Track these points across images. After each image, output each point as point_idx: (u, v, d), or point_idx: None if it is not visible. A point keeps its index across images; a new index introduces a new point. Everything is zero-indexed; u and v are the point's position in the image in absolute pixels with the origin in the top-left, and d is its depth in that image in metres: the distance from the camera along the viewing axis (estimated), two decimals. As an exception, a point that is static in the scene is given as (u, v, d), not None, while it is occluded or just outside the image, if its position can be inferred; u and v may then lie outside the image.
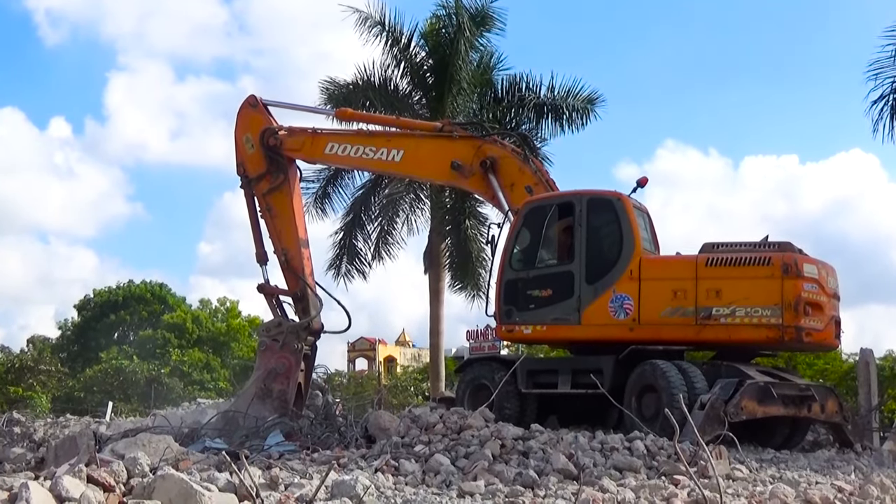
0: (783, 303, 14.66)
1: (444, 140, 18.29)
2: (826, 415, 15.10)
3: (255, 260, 18.74)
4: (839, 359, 30.95)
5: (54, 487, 7.74)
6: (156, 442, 11.81)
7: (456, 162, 17.71)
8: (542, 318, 16.16)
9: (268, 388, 17.23)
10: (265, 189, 18.54)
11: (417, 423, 13.12)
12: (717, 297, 14.90)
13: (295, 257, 18.32)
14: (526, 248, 16.67)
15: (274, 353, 17.58)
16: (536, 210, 16.54)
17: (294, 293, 18.32)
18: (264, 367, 17.54)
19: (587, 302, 15.72)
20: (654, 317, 15.25)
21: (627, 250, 15.67)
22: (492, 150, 17.71)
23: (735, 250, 15.34)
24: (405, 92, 30.10)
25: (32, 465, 13.16)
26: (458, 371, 18.66)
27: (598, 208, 16.17)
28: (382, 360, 73.07)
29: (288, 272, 18.38)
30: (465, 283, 30.81)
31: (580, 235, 15.98)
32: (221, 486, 8.68)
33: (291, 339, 17.68)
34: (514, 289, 16.47)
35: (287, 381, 17.33)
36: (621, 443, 12.14)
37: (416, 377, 47.95)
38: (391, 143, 18.68)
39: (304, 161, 19.39)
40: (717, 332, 14.99)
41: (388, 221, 30.31)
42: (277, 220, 18.46)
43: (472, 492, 9.84)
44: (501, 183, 17.41)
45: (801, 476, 11.50)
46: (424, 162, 18.65)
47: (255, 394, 17.23)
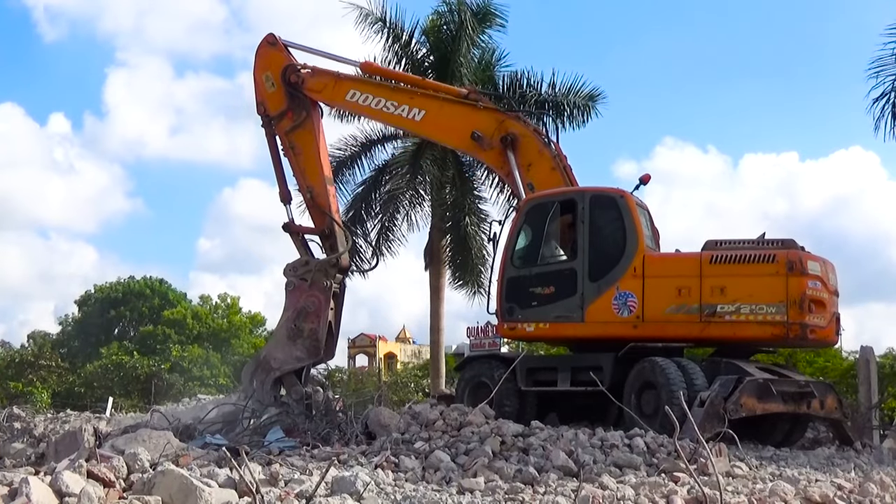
0: (788, 300, 14.73)
1: (467, 108, 18.19)
2: (825, 411, 15.11)
3: (279, 199, 18.43)
4: (839, 356, 30.95)
5: (54, 483, 7.76)
6: (156, 438, 11.82)
7: (477, 132, 17.66)
8: (545, 316, 16.10)
9: (298, 329, 17.02)
10: (287, 127, 18.31)
11: (417, 419, 13.13)
12: (721, 294, 14.94)
13: (321, 194, 18.09)
14: (528, 245, 16.61)
15: (303, 291, 17.28)
16: (538, 207, 16.49)
17: (321, 230, 18.07)
18: (293, 306, 17.28)
19: (590, 299, 15.68)
20: (658, 314, 15.25)
21: (631, 247, 15.65)
22: (514, 127, 17.65)
23: (739, 248, 15.34)
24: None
25: (33, 460, 13.17)
26: (458, 369, 18.66)
27: (602, 205, 16.13)
28: (383, 357, 72.98)
29: (314, 210, 18.19)
30: (465, 280, 30.77)
31: (583, 232, 15.93)
32: (221, 482, 8.70)
33: (320, 276, 17.40)
34: (516, 286, 16.40)
35: (318, 320, 17.10)
36: (621, 440, 12.16)
37: (416, 374, 47.88)
38: (414, 101, 18.53)
39: (324, 103, 19.20)
40: (722, 329, 15.03)
41: (389, 218, 30.26)
42: (301, 158, 18.22)
43: (472, 488, 9.85)
44: (519, 162, 17.36)
45: (800, 474, 11.50)
46: (445, 126, 18.53)
47: (285, 335, 17.12)
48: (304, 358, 17.08)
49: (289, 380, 16.84)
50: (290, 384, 16.74)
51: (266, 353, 17.46)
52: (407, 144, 30.65)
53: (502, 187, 29.61)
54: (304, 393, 16.54)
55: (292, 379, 16.83)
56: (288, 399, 16.45)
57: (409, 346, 76.81)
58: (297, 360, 17.00)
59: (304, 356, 17.05)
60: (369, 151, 30.81)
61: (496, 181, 29.78)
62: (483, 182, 30.46)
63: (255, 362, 17.44)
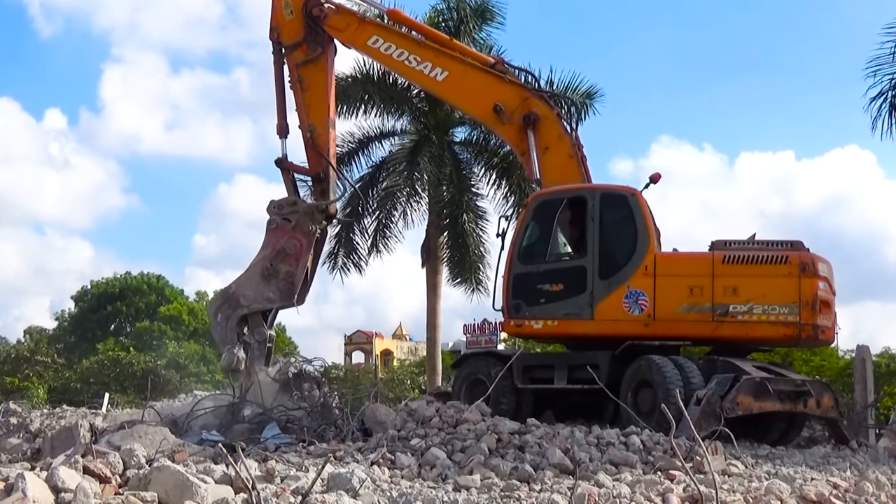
0: (800, 301, 14.96)
1: (493, 78, 17.83)
2: (822, 410, 15.13)
3: (276, 132, 17.91)
4: (835, 355, 30.92)
5: (50, 478, 7.75)
6: (152, 433, 11.81)
7: (499, 105, 17.41)
8: (553, 313, 16.00)
9: (274, 268, 16.66)
10: (300, 59, 17.78)
11: (414, 416, 13.12)
12: (734, 294, 15.09)
13: (321, 135, 17.60)
14: (535, 242, 16.47)
15: (285, 232, 16.88)
16: (546, 203, 16.44)
17: (316, 173, 17.61)
18: (272, 245, 16.87)
19: (600, 297, 15.66)
20: (669, 313, 15.32)
21: (642, 246, 15.68)
22: (537, 107, 17.43)
23: (750, 248, 15.50)
24: (404, 85, 30.01)
25: (29, 455, 13.15)
26: (455, 366, 18.65)
27: (612, 203, 16.13)
28: (379, 354, 72.99)
29: (312, 150, 17.65)
30: (462, 277, 30.79)
31: (593, 230, 15.88)
32: (217, 479, 8.70)
33: (305, 219, 16.98)
34: (524, 283, 16.26)
35: (297, 264, 16.75)
36: (617, 438, 12.16)
37: (412, 371, 47.94)
38: (439, 60, 17.99)
39: (342, 44, 18.57)
40: (735, 329, 15.15)
41: (386, 214, 30.26)
42: (308, 94, 17.67)
43: (468, 486, 9.85)
44: (537, 143, 17.19)
45: (796, 472, 11.50)
46: (467, 92, 18.16)
47: (259, 273, 16.72)
48: (276, 300, 16.75)
49: (254, 319, 16.56)
50: (255, 324, 16.50)
51: (236, 288, 16.93)
52: (404, 141, 30.67)
53: (499, 184, 29.72)
54: (266, 335, 16.39)
55: (258, 319, 16.56)
56: (249, 338, 16.29)
57: (406, 342, 76.88)
58: (267, 300, 16.68)
59: (275, 298, 16.72)
60: (366, 148, 30.88)
61: (493, 178, 29.86)
62: (480, 179, 30.54)
63: (223, 296, 17.05)
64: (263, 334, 16.38)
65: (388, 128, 30.97)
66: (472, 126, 30.67)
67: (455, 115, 30.47)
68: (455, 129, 31.22)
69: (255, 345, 16.24)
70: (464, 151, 31.12)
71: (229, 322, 16.45)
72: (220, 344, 16.62)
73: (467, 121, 30.65)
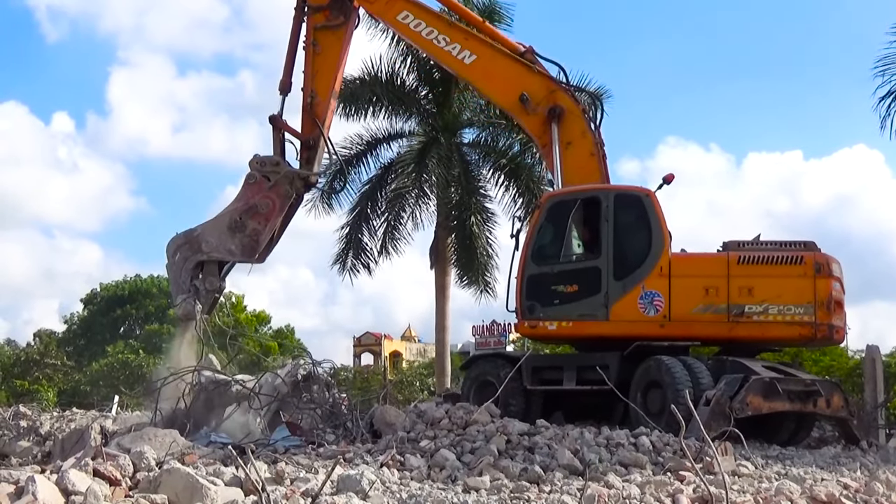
0: (816, 301, 15.13)
1: (521, 66, 17.66)
2: (831, 409, 15.10)
3: (278, 88, 17.64)
4: (845, 355, 30.81)
5: (61, 481, 7.78)
6: (162, 436, 11.81)
7: (525, 95, 17.30)
8: (568, 314, 15.92)
9: (242, 222, 16.57)
10: (319, 23, 17.63)
11: (423, 418, 13.12)
12: (749, 294, 15.20)
13: (321, 104, 17.42)
14: (549, 243, 16.36)
15: (261, 189, 16.75)
16: (560, 204, 16.31)
17: (307, 139, 17.39)
18: (245, 199, 16.77)
19: (615, 298, 15.64)
20: (685, 313, 15.37)
21: (657, 247, 15.70)
22: (563, 100, 17.35)
23: (764, 249, 15.63)
24: (412, 87, 30.08)
25: (39, 458, 13.18)
26: (464, 367, 18.63)
27: (626, 204, 16.12)
28: (388, 356, 72.93)
29: (308, 115, 17.43)
30: (471, 279, 30.77)
31: (607, 231, 15.85)
32: (227, 481, 8.72)
33: (284, 182, 16.90)
34: (538, 283, 16.15)
35: (265, 223, 16.65)
36: (627, 438, 12.15)
37: (421, 372, 47.89)
38: (468, 42, 17.84)
39: (371, 15, 18.64)
40: (751, 329, 15.26)
41: (395, 216, 30.25)
42: (318, 59, 17.50)
43: (478, 487, 9.85)
44: (560, 138, 17.12)
45: (806, 473, 11.48)
46: (494, 78, 17.96)
47: (227, 224, 16.58)
48: (237, 253, 16.70)
49: (210, 267, 16.54)
50: (210, 272, 16.50)
51: (201, 232, 16.76)
52: (413, 143, 30.66)
53: (508, 186, 29.68)
54: (217, 286, 16.46)
55: (214, 268, 16.55)
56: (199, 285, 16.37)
57: (415, 344, 76.77)
58: (228, 252, 16.65)
59: (236, 251, 16.67)
60: (375, 150, 30.87)
61: (502, 180, 29.84)
62: (488, 181, 30.51)
63: (185, 237, 16.75)
64: (215, 284, 16.37)
65: (397, 129, 30.98)
66: (481, 127, 30.72)
67: (463, 116, 30.51)
68: (463, 130, 31.24)
69: (205, 293, 16.25)
70: (472, 153, 31.09)
71: (186, 264, 16.39)
72: (172, 283, 16.58)
73: (476, 122, 30.72)
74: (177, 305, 16.53)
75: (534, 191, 28.85)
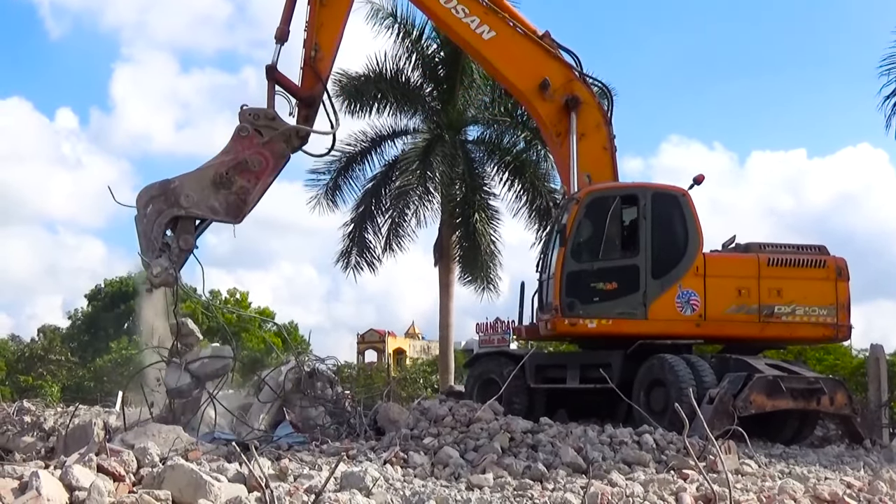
0: (837, 303, 15.87)
1: (541, 50, 17.36)
2: (835, 407, 15.12)
3: (274, 36, 16.17)
4: (849, 354, 30.87)
5: (65, 476, 7.78)
6: (165, 432, 11.83)
7: (547, 80, 17.08)
8: (608, 312, 15.83)
9: (229, 178, 15.08)
10: None
11: (426, 415, 13.13)
12: (778, 295, 15.70)
13: (324, 59, 16.18)
14: (588, 239, 16.19)
15: (253, 144, 15.28)
16: (599, 200, 16.21)
17: (306, 96, 16.01)
18: (235, 153, 15.23)
19: (653, 296, 15.72)
20: (719, 313, 15.64)
21: (693, 246, 15.88)
22: (581, 91, 17.21)
23: (788, 251, 16.19)
24: (417, 84, 30.06)
25: (43, 454, 13.16)
26: (467, 365, 18.66)
27: (664, 202, 16.19)
28: (392, 353, 72.94)
29: (309, 70, 16.07)
30: (475, 276, 30.77)
31: (645, 229, 15.91)
32: (231, 477, 8.72)
33: (279, 139, 15.46)
34: (577, 281, 15.96)
35: (255, 181, 15.28)
36: (630, 437, 12.16)
37: (425, 369, 47.89)
38: (488, 17, 17.20)
39: None
40: (779, 329, 15.79)
41: (399, 213, 30.25)
42: (324, 11, 16.21)
43: (481, 484, 9.86)
44: (575, 129, 17.04)
45: (810, 472, 11.48)
46: (513, 59, 17.49)
47: (211, 178, 15.08)
48: (220, 212, 15.18)
49: (185, 224, 15.01)
50: (185, 230, 14.98)
51: (179, 184, 14.99)
52: (417, 140, 30.66)
53: (512, 183, 29.66)
54: (192, 245, 15.03)
55: (189, 225, 15.06)
56: (172, 242, 14.84)
57: (419, 341, 76.76)
58: (210, 209, 15.11)
59: (220, 210, 15.16)
60: (379, 147, 30.85)
61: (506, 177, 29.82)
62: (493, 178, 30.50)
63: (160, 188, 14.95)
64: (189, 243, 14.92)
65: (401, 127, 30.97)
66: (485, 125, 30.69)
67: (468, 113, 30.44)
68: (468, 127, 31.21)
69: (178, 252, 14.77)
70: (476, 150, 31.07)
71: (159, 218, 14.77)
72: (141, 238, 14.76)
73: (480, 119, 30.69)
74: (150, 267, 14.65)
75: (538, 188, 28.88)
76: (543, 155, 29.43)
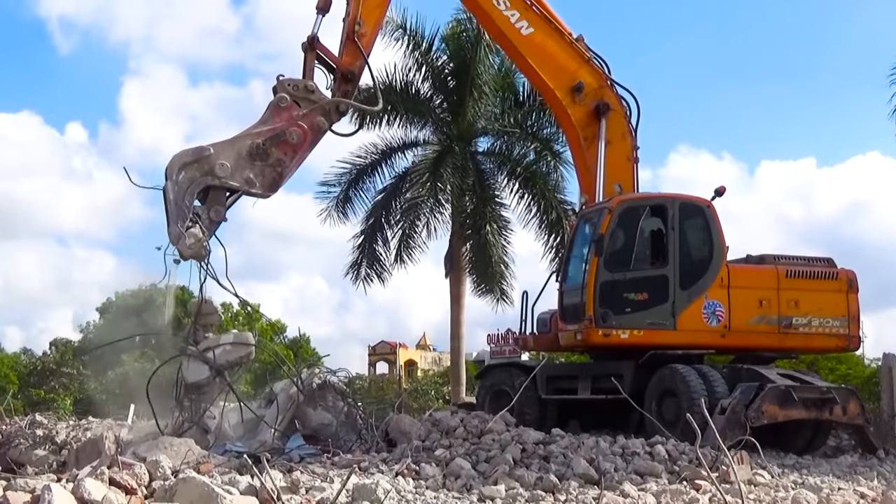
0: (849, 314, 16.27)
1: (576, 52, 17.36)
2: (848, 417, 15.11)
3: (315, 6, 15.65)
4: (861, 364, 30.76)
5: (76, 490, 7.78)
6: (177, 445, 11.83)
7: (582, 83, 17.13)
8: (639, 323, 15.75)
9: (266, 150, 14.53)
10: None
11: (438, 426, 13.14)
12: (795, 307, 15.99)
13: (367, 35, 15.75)
14: (620, 249, 16.03)
15: (291, 116, 14.76)
16: (631, 210, 16.11)
17: (348, 70, 15.51)
18: (273, 124, 14.71)
19: (682, 307, 15.76)
20: (743, 324, 15.80)
21: (717, 258, 16.00)
22: (611, 98, 17.27)
23: (799, 263, 16.59)
24: (426, 96, 30.09)
25: (55, 467, 13.18)
26: (479, 376, 18.66)
27: (691, 213, 16.27)
28: (403, 364, 72.90)
29: (352, 44, 15.54)
30: (486, 288, 30.75)
31: (674, 239, 15.95)
32: (243, 490, 8.72)
33: (319, 112, 14.94)
34: (610, 291, 15.81)
35: (292, 155, 14.77)
36: (642, 447, 12.14)
37: (436, 381, 47.83)
38: (529, 13, 17.10)
39: None
40: (797, 340, 16.12)
41: (410, 225, 30.26)
42: None
43: (493, 496, 9.85)
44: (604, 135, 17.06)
45: (823, 482, 11.46)
46: (549, 58, 17.36)
47: (248, 148, 14.52)
48: (255, 184, 14.59)
49: (217, 195, 14.46)
50: (216, 200, 14.45)
51: (214, 153, 14.37)
52: (427, 152, 30.69)
53: (522, 194, 29.65)
54: (223, 217, 14.46)
55: (221, 196, 14.50)
56: (202, 212, 14.28)
57: (430, 353, 76.70)
58: (246, 181, 14.51)
59: (255, 182, 14.58)
60: (389, 159, 30.86)
61: (516, 188, 29.82)
62: (503, 189, 30.50)
63: (194, 154, 14.33)
64: (221, 214, 14.38)
65: (411, 138, 30.97)
66: (495, 136, 30.71)
67: (478, 124, 30.45)
68: (478, 139, 31.23)
69: (208, 223, 14.22)
70: (487, 161, 31.08)
71: (192, 186, 14.14)
72: (172, 207, 14.05)
73: (490, 130, 30.70)
74: (183, 238, 14.00)
75: (548, 199, 28.87)
76: (553, 166, 29.51)
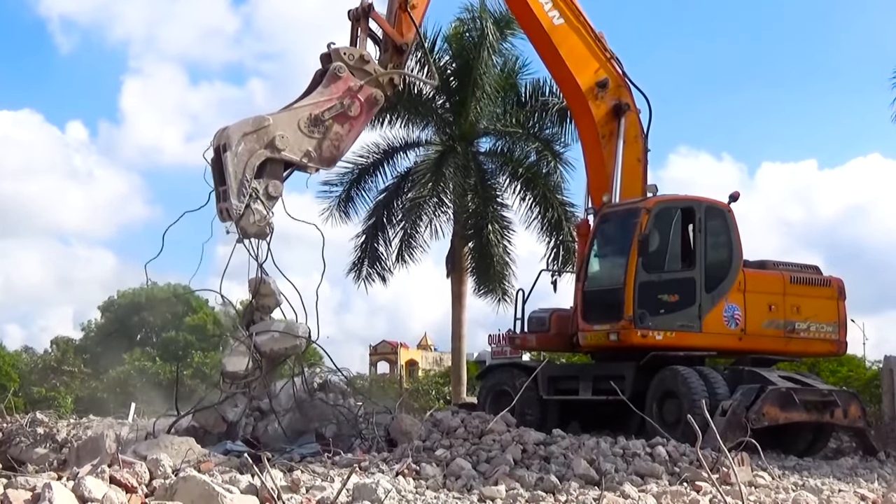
0: (839, 320, 16.73)
1: (599, 49, 17.39)
2: (849, 420, 15.16)
3: None
4: (862, 366, 30.79)
5: (77, 488, 7.79)
6: (178, 443, 11.82)
7: (607, 80, 17.18)
8: (671, 324, 15.83)
9: (323, 121, 13.89)
10: None
11: (439, 427, 13.12)
12: (797, 312, 16.36)
13: (420, 5, 15.18)
14: (656, 251, 16.00)
15: (348, 88, 14.10)
16: (666, 211, 16.15)
17: (400, 44, 14.88)
18: (331, 95, 14.01)
19: (706, 310, 15.91)
20: (756, 328, 16.05)
21: (736, 262, 16.22)
22: (628, 99, 17.36)
23: (794, 269, 16.95)
24: (428, 96, 30.06)
25: (55, 465, 13.16)
26: (480, 377, 18.67)
27: (714, 217, 16.41)
28: (404, 364, 72.91)
29: (405, 16, 14.88)
30: (487, 288, 30.72)
31: (700, 242, 16.11)
32: (243, 489, 8.72)
33: (373, 84, 14.28)
34: (647, 292, 15.82)
35: (350, 129, 14.17)
36: (643, 448, 12.13)
37: (437, 381, 47.81)
38: (560, 4, 17.00)
39: None
40: (799, 344, 16.51)
41: (412, 225, 30.24)
42: None
43: (494, 496, 9.85)
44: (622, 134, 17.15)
45: (823, 484, 11.45)
46: (577, 51, 17.30)
47: (307, 119, 13.85)
48: (314, 158, 14.02)
49: (275, 168, 13.83)
50: (274, 174, 13.82)
51: (274, 123, 13.72)
52: (429, 152, 30.68)
53: (524, 195, 29.63)
54: (281, 193, 13.83)
55: (279, 170, 13.88)
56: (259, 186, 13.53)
57: (431, 353, 76.70)
58: (305, 154, 13.87)
59: (314, 156, 13.99)
60: (391, 159, 30.82)
61: (518, 189, 29.81)
62: (505, 189, 30.48)
63: (255, 124, 13.66)
64: (279, 189, 13.79)
65: (413, 138, 30.94)
66: (497, 136, 30.69)
67: (480, 125, 30.41)
68: (480, 139, 31.21)
69: (266, 198, 13.64)
70: (489, 161, 31.04)
71: (251, 159, 13.49)
72: (231, 179, 13.40)
73: (492, 131, 30.68)
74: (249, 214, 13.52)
75: (550, 199, 28.86)
76: (554, 167, 29.47)
